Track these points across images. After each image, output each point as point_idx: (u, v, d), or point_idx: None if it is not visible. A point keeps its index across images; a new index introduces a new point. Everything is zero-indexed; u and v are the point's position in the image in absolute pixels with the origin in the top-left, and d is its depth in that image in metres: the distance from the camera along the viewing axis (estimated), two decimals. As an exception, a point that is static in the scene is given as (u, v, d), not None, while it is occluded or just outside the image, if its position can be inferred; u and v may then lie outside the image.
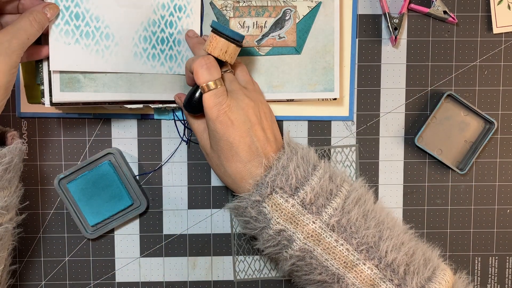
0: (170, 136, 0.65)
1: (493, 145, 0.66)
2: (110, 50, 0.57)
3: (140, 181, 0.65)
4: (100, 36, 0.56)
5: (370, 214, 0.53)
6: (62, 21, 0.54)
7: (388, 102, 0.65)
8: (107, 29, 0.56)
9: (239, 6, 0.62)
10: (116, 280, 0.66)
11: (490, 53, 0.65)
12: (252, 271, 0.66)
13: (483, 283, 0.67)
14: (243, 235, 0.66)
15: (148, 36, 0.58)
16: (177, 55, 0.60)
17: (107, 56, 0.57)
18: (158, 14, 0.58)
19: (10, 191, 0.53)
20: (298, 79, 0.62)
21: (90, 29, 0.56)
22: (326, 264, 0.51)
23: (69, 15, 0.54)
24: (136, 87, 0.58)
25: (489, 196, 0.66)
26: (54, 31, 0.54)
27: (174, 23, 0.59)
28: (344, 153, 0.65)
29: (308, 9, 0.62)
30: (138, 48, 0.58)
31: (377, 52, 0.65)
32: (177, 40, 0.60)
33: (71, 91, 0.56)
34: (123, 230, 0.65)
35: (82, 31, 0.55)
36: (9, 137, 0.55)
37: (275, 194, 0.51)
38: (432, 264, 0.52)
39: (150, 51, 0.58)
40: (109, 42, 0.56)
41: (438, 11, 0.63)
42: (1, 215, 0.52)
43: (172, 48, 0.60)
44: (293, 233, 0.51)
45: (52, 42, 0.54)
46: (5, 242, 0.54)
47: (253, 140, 0.52)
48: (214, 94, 0.52)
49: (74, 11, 0.55)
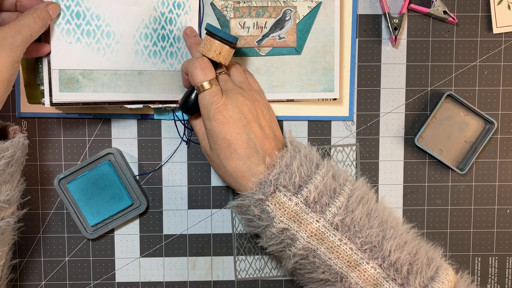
0: (170, 136, 0.65)
1: (493, 145, 0.66)
2: (111, 48, 0.57)
3: (140, 181, 0.65)
4: (101, 35, 0.56)
5: (373, 213, 0.53)
6: (63, 20, 0.54)
7: (388, 102, 0.65)
8: (108, 27, 0.56)
9: (240, 7, 0.62)
10: (116, 280, 0.66)
11: (490, 53, 0.65)
12: (253, 270, 0.66)
13: (483, 283, 0.67)
14: (244, 235, 0.66)
15: (149, 34, 0.58)
16: (177, 52, 0.60)
17: (108, 54, 0.57)
18: (158, 11, 0.59)
19: (12, 185, 0.53)
20: (298, 79, 0.62)
21: (91, 27, 0.56)
22: (329, 263, 0.51)
23: (70, 14, 0.55)
24: (135, 87, 0.58)
25: (489, 196, 0.66)
26: (56, 30, 0.54)
27: (174, 20, 0.60)
28: (345, 152, 0.65)
29: (308, 9, 0.62)
30: (139, 46, 0.58)
31: (377, 52, 0.65)
32: (177, 37, 0.60)
33: (70, 91, 0.56)
34: (123, 230, 0.65)
35: (83, 30, 0.55)
36: (11, 131, 0.55)
37: (278, 192, 0.51)
38: (435, 263, 0.52)
39: (151, 48, 0.59)
40: (110, 40, 0.57)
41: (438, 11, 0.63)
42: (3, 209, 0.53)
43: (172, 45, 0.60)
44: (297, 231, 0.51)
45: (54, 41, 0.54)
46: (6, 236, 0.55)
47: (250, 136, 0.52)
48: (209, 93, 0.52)
49: (75, 10, 0.55)
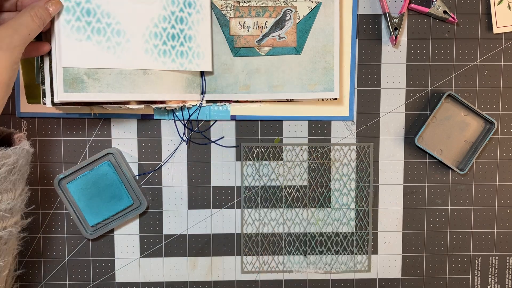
0: (170, 136, 0.65)
1: (493, 145, 0.66)
2: (122, 46, 0.56)
3: (140, 181, 0.65)
4: (112, 33, 0.56)
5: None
6: (73, 17, 0.53)
7: (388, 102, 0.65)
8: (118, 25, 0.56)
9: (240, 6, 0.62)
10: (116, 280, 0.66)
11: (490, 53, 0.65)
12: (259, 264, 0.66)
13: (483, 283, 0.67)
14: (253, 234, 0.66)
15: (158, 33, 0.58)
16: (188, 51, 0.60)
17: (118, 53, 0.56)
18: (168, 10, 0.58)
19: (14, 194, 0.51)
20: (298, 79, 0.62)
21: (102, 25, 0.55)
22: None
23: (80, 11, 0.54)
24: (140, 87, 0.58)
25: (489, 196, 0.66)
26: (66, 27, 0.53)
27: (185, 19, 0.59)
28: (359, 151, 0.66)
29: (308, 9, 0.62)
30: (149, 45, 0.57)
31: (377, 52, 0.65)
32: (188, 36, 0.60)
33: (75, 91, 0.55)
34: (123, 230, 0.65)
35: (94, 28, 0.55)
36: (16, 139, 0.54)
37: None
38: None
39: (161, 47, 0.58)
40: (120, 38, 0.56)
41: (438, 11, 0.63)
42: (4, 218, 0.51)
43: (183, 44, 0.59)
44: None
45: (64, 39, 0.53)
46: (9, 246, 0.53)
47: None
48: None
49: (86, 7, 0.54)
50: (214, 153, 0.65)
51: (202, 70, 0.61)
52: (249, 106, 0.64)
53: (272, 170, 0.66)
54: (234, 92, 0.63)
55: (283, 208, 0.66)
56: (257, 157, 0.66)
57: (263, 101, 0.64)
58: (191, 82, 0.61)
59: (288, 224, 0.66)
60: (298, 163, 0.66)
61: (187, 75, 0.61)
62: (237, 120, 0.65)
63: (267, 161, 0.66)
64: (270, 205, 0.66)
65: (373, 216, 0.66)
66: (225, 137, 0.65)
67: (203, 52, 0.61)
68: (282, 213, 0.66)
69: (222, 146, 0.65)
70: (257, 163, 0.65)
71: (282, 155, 0.66)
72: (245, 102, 0.64)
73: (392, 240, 0.66)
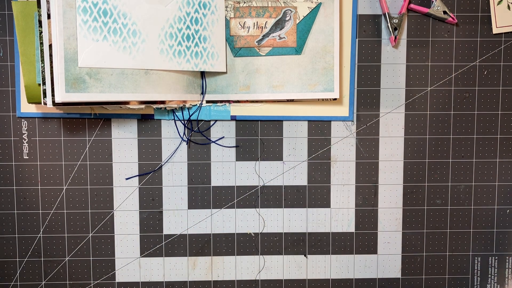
0: (170, 136, 0.65)
1: (493, 145, 0.66)
2: (137, 47, 0.57)
3: (140, 181, 0.65)
4: (128, 33, 0.56)
5: None
6: (90, 18, 0.54)
7: (388, 102, 0.65)
8: (134, 25, 0.56)
9: (240, 7, 0.62)
10: (116, 280, 0.66)
11: (490, 53, 0.65)
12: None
13: (482, 283, 0.67)
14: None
15: (174, 33, 0.58)
16: (202, 52, 0.60)
17: (134, 53, 0.57)
18: (183, 11, 0.59)
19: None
20: (298, 79, 0.62)
21: (118, 25, 0.56)
22: None
23: (97, 11, 0.54)
24: (142, 87, 0.58)
25: (489, 196, 0.66)
26: (83, 27, 0.54)
27: (200, 20, 0.60)
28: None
29: (308, 9, 0.62)
30: (164, 45, 0.58)
31: (377, 52, 0.65)
32: (203, 37, 0.60)
33: (77, 91, 0.55)
34: (123, 230, 0.65)
35: (110, 28, 0.55)
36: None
37: None
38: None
39: (176, 48, 0.59)
40: (136, 39, 0.57)
41: (438, 11, 0.63)
42: None
43: (197, 44, 0.60)
44: None
45: (81, 39, 0.54)
46: None
47: None
48: None
49: (102, 8, 0.55)
50: (214, 153, 0.65)
51: (217, 70, 0.62)
52: (249, 106, 0.64)
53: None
54: (234, 92, 0.63)
55: (283, 208, 0.66)
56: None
57: (263, 101, 0.64)
58: (191, 82, 0.62)
59: (288, 224, 0.66)
60: (298, 163, 0.66)
61: (188, 75, 0.61)
62: (237, 120, 0.65)
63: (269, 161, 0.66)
64: (270, 205, 0.66)
65: (373, 216, 0.66)
66: (225, 137, 0.65)
67: (217, 53, 0.61)
68: (282, 212, 0.66)
69: (222, 146, 0.65)
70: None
71: (282, 155, 0.66)
72: (245, 102, 0.64)
73: (391, 240, 0.67)
